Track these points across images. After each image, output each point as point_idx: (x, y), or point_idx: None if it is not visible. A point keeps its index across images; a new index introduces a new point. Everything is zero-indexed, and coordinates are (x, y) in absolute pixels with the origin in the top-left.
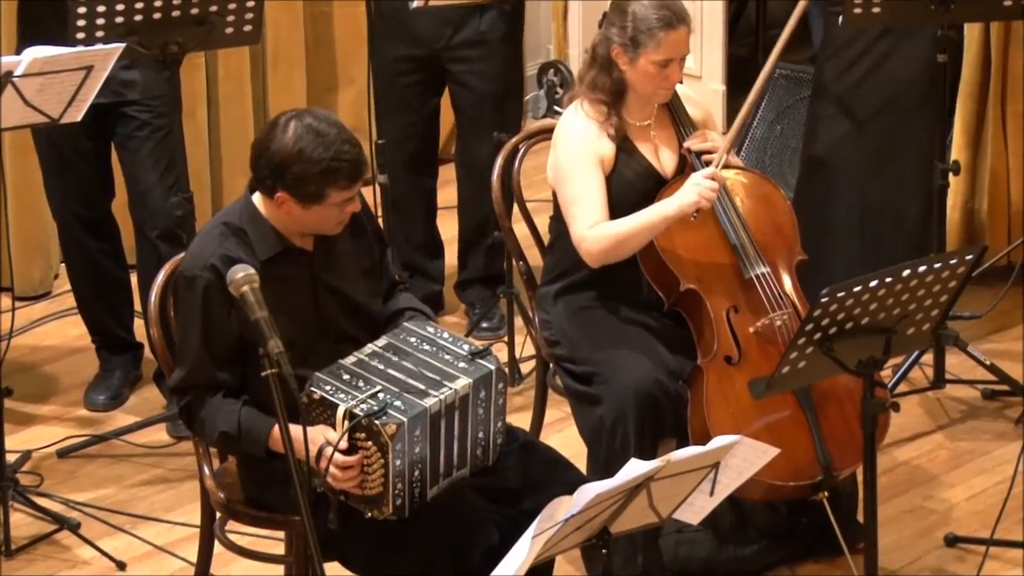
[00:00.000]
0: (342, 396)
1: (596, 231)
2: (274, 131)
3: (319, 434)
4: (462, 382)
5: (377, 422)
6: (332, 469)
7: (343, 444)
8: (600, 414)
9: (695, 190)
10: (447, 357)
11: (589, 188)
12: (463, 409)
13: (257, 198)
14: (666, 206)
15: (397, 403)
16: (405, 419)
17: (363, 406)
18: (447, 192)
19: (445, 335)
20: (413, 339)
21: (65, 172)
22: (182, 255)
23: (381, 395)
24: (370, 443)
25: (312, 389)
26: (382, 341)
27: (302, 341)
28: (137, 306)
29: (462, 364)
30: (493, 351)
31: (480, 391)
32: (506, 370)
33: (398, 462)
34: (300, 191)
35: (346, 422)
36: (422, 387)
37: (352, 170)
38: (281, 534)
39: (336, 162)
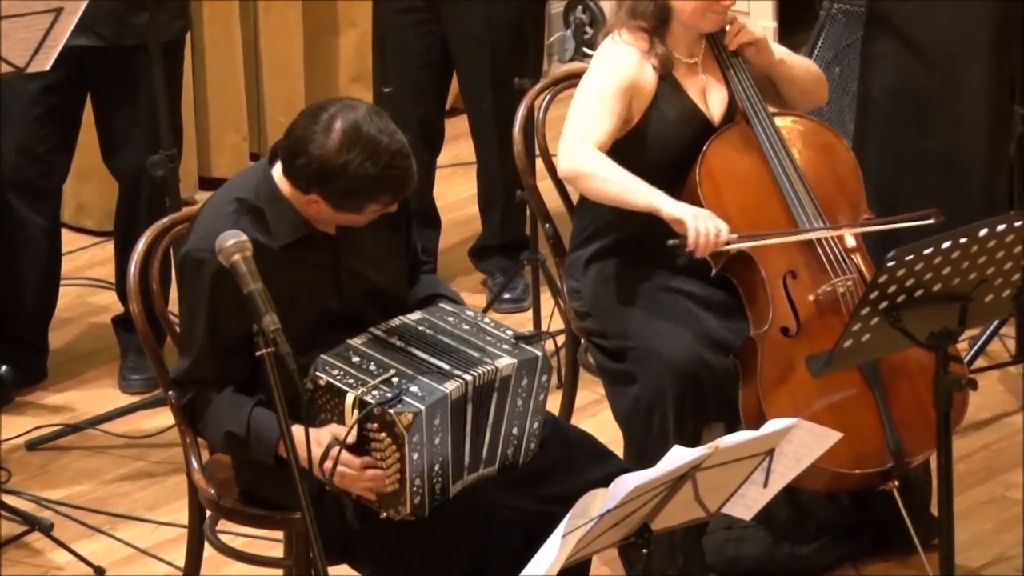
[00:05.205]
0: (351, 382)
1: (593, 152)
2: (314, 127)
3: (326, 435)
4: (505, 361)
5: (391, 411)
6: (341, 470)
7: (352, 438)
8: (635, 394)
9: (695, 217)
10: (489, 338)
11: (603, 115)
12: (502, 393)
13: (278, 175)
14: (663, 199)
15: (413, 388)
16: (423, 407)
17: (375, 393)
18: (463, 146)
19: (487, 320)
20: (451, 318)
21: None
22: (164, 220)
23: (395, 380)
24: (384, 435)
25: (317, 374)
26: (416, 315)
27: (320, 333)
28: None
29: (506, 346)
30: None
31: (523, 378)
32: (552, 363)
33: (415, 455)
34: (338, 201)
35: (356, 411)
36: (446, 367)
37: (399, 187)
38: (279, 534)
39: (383, 180)
